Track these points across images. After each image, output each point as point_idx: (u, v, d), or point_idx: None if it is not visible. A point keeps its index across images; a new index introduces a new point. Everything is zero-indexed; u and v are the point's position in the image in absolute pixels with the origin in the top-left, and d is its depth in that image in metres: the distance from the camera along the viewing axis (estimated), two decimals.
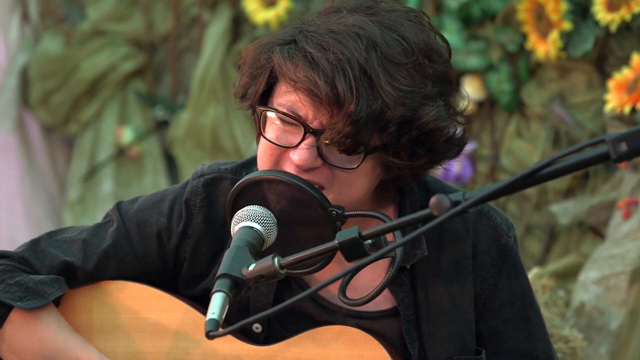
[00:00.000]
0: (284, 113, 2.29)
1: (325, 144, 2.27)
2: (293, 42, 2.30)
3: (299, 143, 2.28)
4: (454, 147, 2.37)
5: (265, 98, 2.35)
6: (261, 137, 2.34)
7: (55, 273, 2.49)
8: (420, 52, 2.29)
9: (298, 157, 2.28)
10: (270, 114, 2.32)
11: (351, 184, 2.31)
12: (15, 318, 2.46)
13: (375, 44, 2.26)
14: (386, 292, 2.41)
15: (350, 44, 2.25)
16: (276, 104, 2.31)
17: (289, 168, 2.30)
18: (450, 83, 2.35)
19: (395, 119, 2.24)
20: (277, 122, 2.31)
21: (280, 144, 2.31)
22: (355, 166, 2.29)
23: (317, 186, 2.30)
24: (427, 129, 2.28)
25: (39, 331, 2.46)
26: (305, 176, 2.29)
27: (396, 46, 2.27)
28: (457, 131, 2.37)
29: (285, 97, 2.29)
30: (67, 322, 2.50)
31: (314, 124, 2.27)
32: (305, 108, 2.27)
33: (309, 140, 2.28)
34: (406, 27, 2.31)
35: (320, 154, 2.28)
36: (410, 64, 2.27)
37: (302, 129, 2.28)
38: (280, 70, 2.29)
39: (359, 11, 2.33)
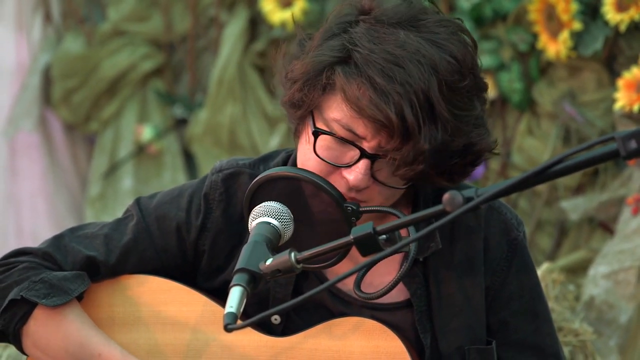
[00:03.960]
0: (341, 138, 2.28)
1: (391, 173, 2.28)
2: (354, 64, 2.26)
3: (354, 164, 2.29)
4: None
5: (316, 108, 2.33)
6: (310, 150, 2.33)
7: (78, 268, 2.50)
8: (468, 71, 2.28)
9: (353, 177, 2.28)
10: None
11: (391, 197, 2.34)
12: (39, 314, 2.46)
13: (436, 69, 2.24)
14: (400, 284, 2.42)
15: (414, 72, 2.22)
16: (331, 118, 2.30)
17: (341, 184, 2.30)
18: (486, 88, 2.36)
19: (458, 149, 2.27)
20: (331, 139, 2.31)
21: (333, 163, 2.31)
22: (405, 186, 2.33)
23: (359, 202, 2.31)
24: (481, 153, 2.32)
25: (63, 327, 2.47)
26: (352, 194, 2.30)
27: (451, 70, 2.25)
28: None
29: (343, 114, 2.28)
30: (90, 318, 2.51)
31: (372, 144, 2.27)
32: (365, 128, 2.26)
33: (365, 162, 2.28)
34: (455, 45, 2.28)
35: (372, 175, 2.29)
36: (464, 88, 2.27)
37: (358, 150, 2.28)
38: (342, 92, 2.27)
39: (403, 25, 2.29)
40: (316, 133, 2.32)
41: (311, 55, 2.32)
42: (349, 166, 2.30)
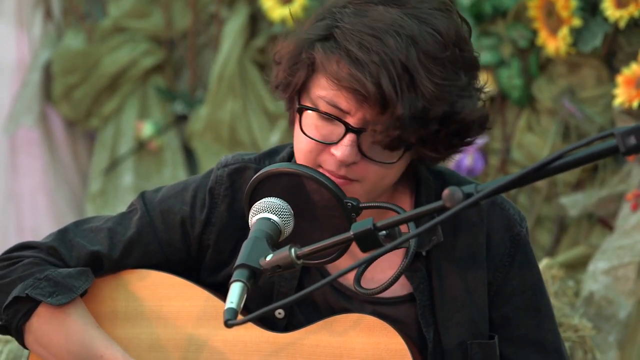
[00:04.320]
0: (325, 113, 2.30)
1: (371, 142, 2.29)
2: (333, 39, 2.30)
3: (340, 140, 2.30)
4: (479, 129, 2.39)
5: (303, 89, 2.36)
6: (300, 131, 2.35)
7: (83, 263, 2.50)
8: (453, 44, 2.28)
9: (340, 152, 2.29)
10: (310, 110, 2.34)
11: (385, 176, 2.34)
12: (43, 312, 2.46)
13: (414, 40, 2.25)
14: (403, 278, 2.41)
15: (391, 42, 2.24)
16: (316, 96, 2.32)
17: (330, 162, 2.32)
18: (477, 66, 2.37)
19: (437, 116, 2.26)
20: (317, 116, 2.33)
21: (321, 141, 2.32)
22: (394, 161, 2.32)
23: (352, 180, 2.32)
24: (465, 122, 2.31)
25: (66, 326, 2.46)
26: (342, 171, 2.31)
27: (432, 41, 2.26)
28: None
29: (326, 90, 2.30)
30: (93, 318, 2.50)
31: (356, 118, 2.28)
32: (347, 102, 2.28)
33: (350, 136, 2.29)
34: (438, 19, 2.30)
35: (360, 150, 2.30)
36: (446, 58, 2.27)
37: (343, 126, 2.30)
38: (323, 68, 2.30)
39: (388, 3, 2.32)
40: (300, 110, 2.34)
41: (297, 37, 2.36)
42: (336, 143, 2.31)
